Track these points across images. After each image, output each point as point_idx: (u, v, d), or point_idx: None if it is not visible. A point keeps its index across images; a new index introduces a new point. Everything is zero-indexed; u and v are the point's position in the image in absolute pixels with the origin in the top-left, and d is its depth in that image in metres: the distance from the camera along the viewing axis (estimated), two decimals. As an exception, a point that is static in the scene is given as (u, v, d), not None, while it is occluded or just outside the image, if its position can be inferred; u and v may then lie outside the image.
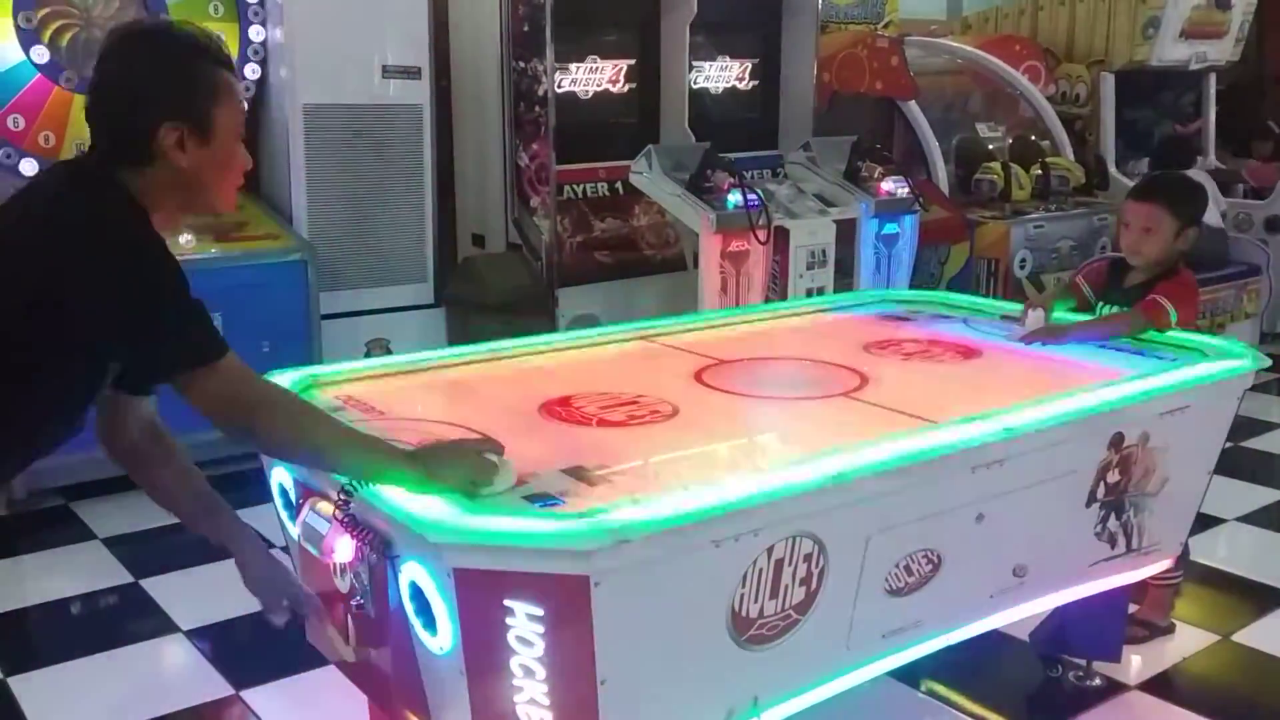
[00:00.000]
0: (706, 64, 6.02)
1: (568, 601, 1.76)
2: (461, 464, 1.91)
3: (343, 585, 2.12)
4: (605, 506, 1.81)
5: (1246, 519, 4.36)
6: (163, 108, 1.84)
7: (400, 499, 1.85)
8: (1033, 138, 6.82)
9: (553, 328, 5.05)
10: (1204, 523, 4.13)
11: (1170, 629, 3.43)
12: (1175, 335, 3.03)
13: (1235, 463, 4.88)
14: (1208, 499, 4.20)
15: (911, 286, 5.48)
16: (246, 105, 1.87)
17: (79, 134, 4.49)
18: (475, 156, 5.56)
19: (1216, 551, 4.02)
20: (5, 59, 4.38)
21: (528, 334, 3.17)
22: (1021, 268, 5.93)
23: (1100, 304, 3.34)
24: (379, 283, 5.15)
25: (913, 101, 6.25)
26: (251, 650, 3.22)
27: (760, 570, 1.96)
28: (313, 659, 2.60)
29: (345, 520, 1.92)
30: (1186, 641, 3.41)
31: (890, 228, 5.43)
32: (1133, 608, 3.39)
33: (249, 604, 2.26)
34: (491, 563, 1.77)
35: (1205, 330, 5.60)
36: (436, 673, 1.95)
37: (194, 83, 1.87)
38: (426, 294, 5.32)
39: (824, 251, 5.21)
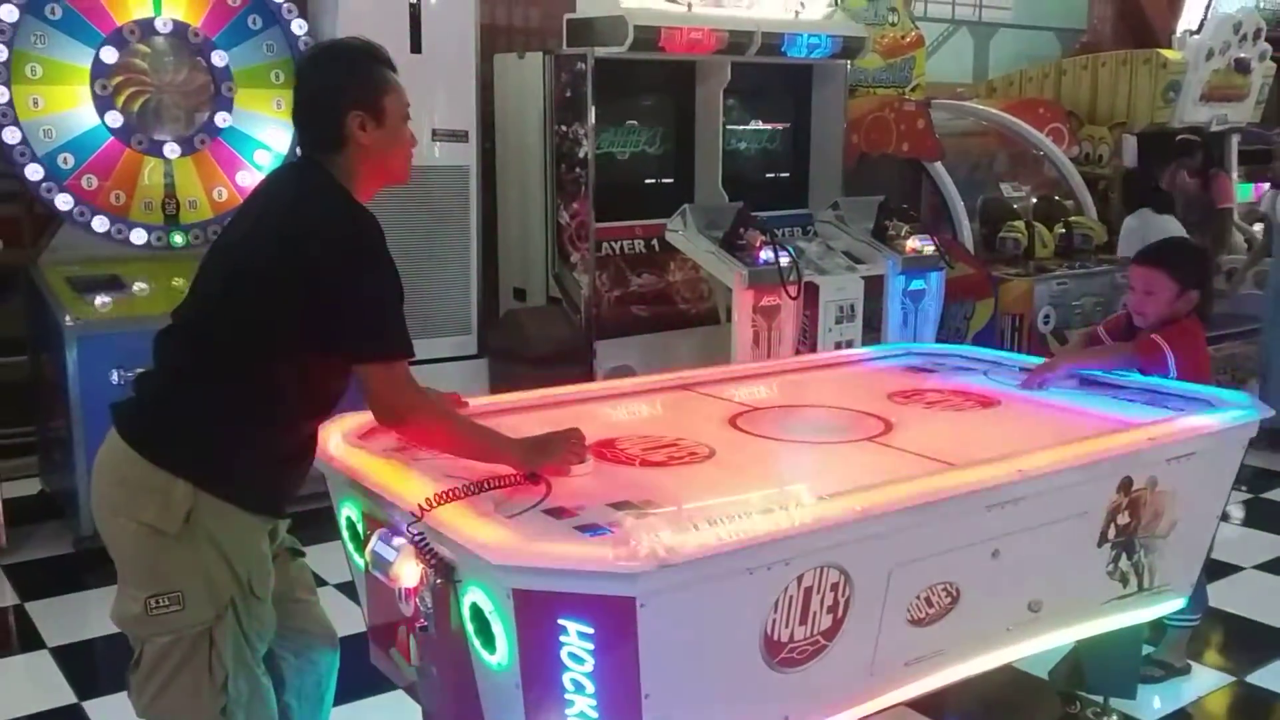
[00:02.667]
0: (739, 126, 6.27)
1: (615, 621, 1.93)
2: (556, 448, 2.36)
3: (406, 610, 2.31)
4: (650, 535, 1.99)
5: (1263, 566, 4.49)
6: (346, 100, 2.28)
7: (464, 528, 2.04)
8: (1056, 197, 7.01)
9: (591, 379, 5.24)
10: (1222, 569, 4.29)
11: (1186, 669, 3.56)
12: (1185, 386, 3.18)
13: (1254, 513, 5.03)
14: (1226, 547, 4.35)
15: (937, 341, 5.66)
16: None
17: (147, 193, 4.80)
18: (518, 215, 5.81)
19: (1233, 597, 4.14)
20: (82, 123, 4.66)
21: (567, 385, 3.36)
22: (1045, 323, 6.09)
23: None
24: (424, 334, 5.35)
25: (939, 162, 6.46)
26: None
27: (791, 597, 2.13)
28: (374, 685, 2.77)
29: (417, 543, 2.11)
30: (1202, 682, 3.54)
31: (917, 284, 5.62)
32: (1151, 649, 3.53)
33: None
34: (547, 584, 1.95)
35: (1228, 384, 5.77)
36: (494, 687, 2.13)
37: (367, 78, 2.31)
38: (470, 346, 5.55)
39: (852, 306, 5.41)
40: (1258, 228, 7.10)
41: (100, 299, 4.51)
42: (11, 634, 3.92)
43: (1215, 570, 4.30)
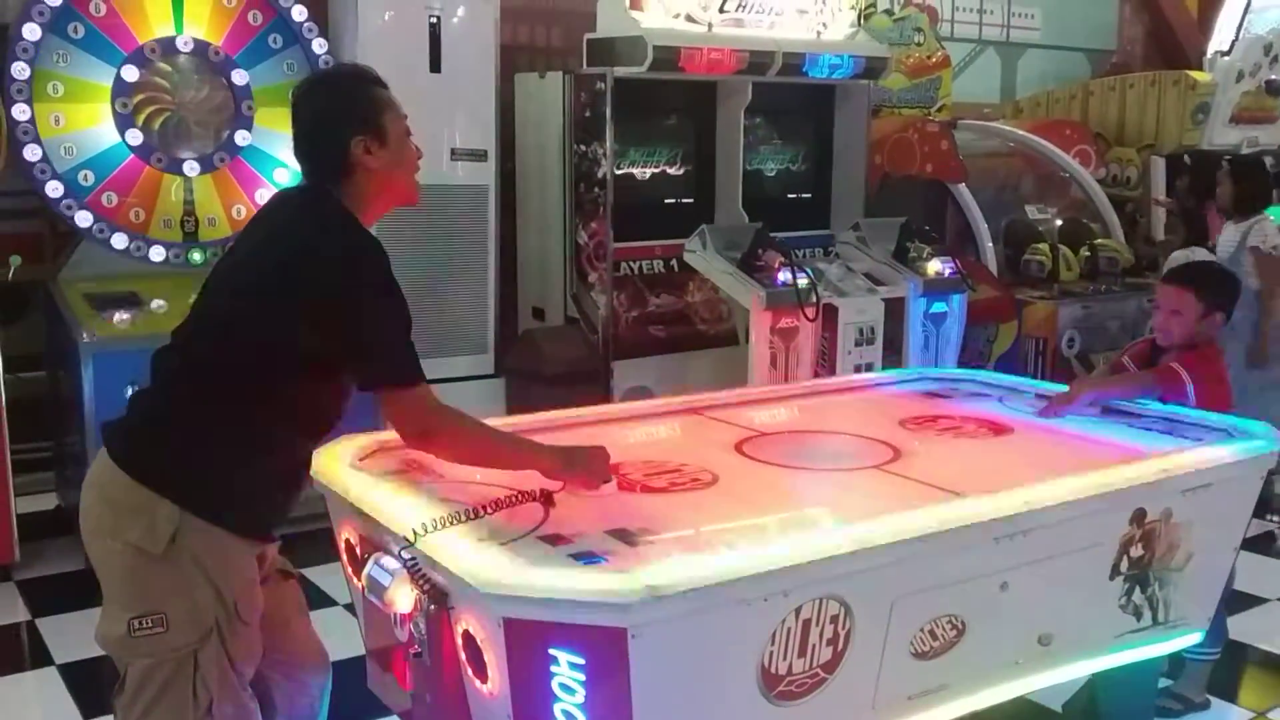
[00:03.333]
0: (761, 147, 6.24)
1: (607, 651, 1.90)
2: (587, 461, 2.37)
3: (401, 635, 2.29)
4: (643, 564, 1.96)
5: (1290, 599, 4.40)
6: (349, 126, 2.27)
7: (457, 555, 2.02)
8: (1083, 220, 6.94)
9: (608, 399, 5.22)
10: (1246, 602, 4.20)
11: (1205, 704, 3.48)
12: (1204, 415, 3.12)
13: (1280, 544, 4.93)
14: (1251, 579, 4.25)
15: (960, 364, 5.60)
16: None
17: (166, 210, 4.83)
18: (537, 234, 5.80)
19: (1257, 630, 4.05)
20: (102, 140, 4.69)
21: (583, 405, 3.34)
22: (1070, 347, 6.02)
23: None
24: (442, 353, 5.37)
25: (962, 184, 6.40)
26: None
27: (789, 629, 2.08)
28: (376, 709, 2.74)
29: (409, 567, 2.09)
30: (1221, 717, 3.46)
31: (938, 306, 5.57)
32: (1169, 683, 3.46)
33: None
34: (538, 613, 1.92)
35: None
36: (486, 717, 2.10)
37: (365, 102, 2.31)
38: (487, 365, 5.54)
39: (872, 329, 5.37)
40: None
41: (118, 316, 4.52)
42: (22, 650, 3.93)
43: (1239, 602, 4.21)
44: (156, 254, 4.80)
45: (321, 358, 2.21)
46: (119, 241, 4.73)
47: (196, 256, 4.87)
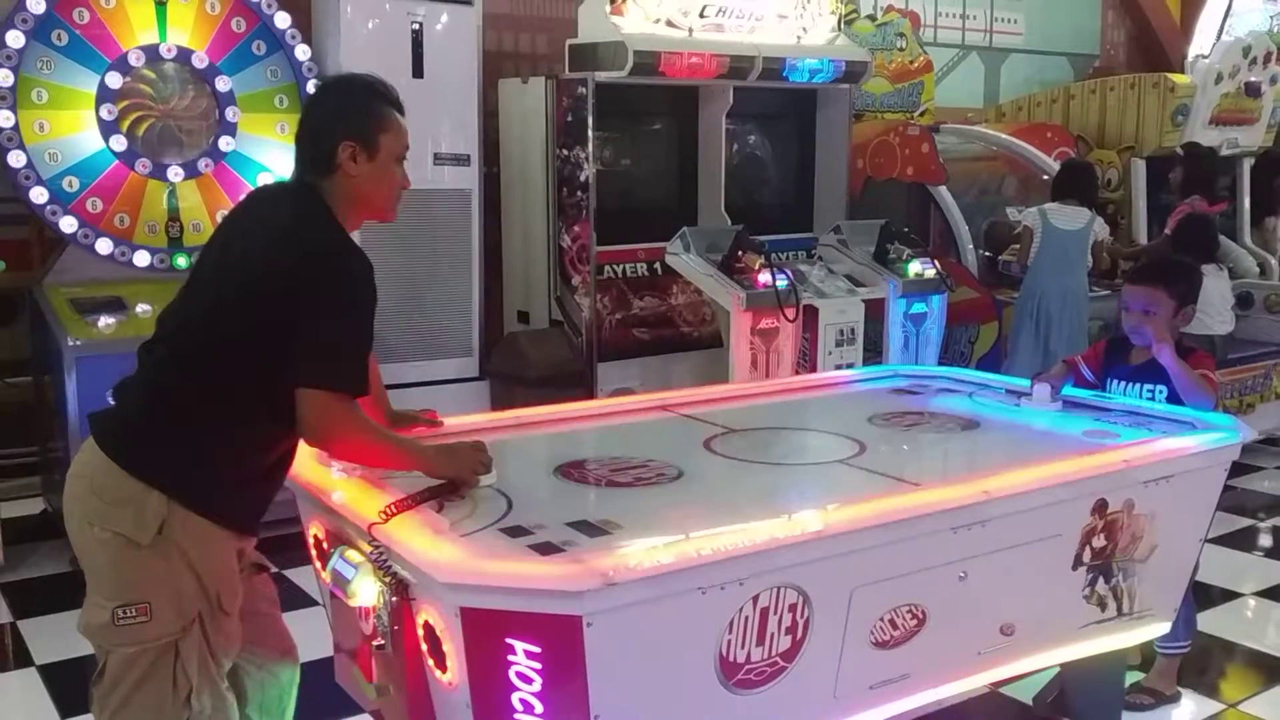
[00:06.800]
0: (743, 150, 6.28)
1: (562, 640, 1.93)
2: (461, 457, 2.40)
3: (366, 628, 2.32)
4: (598, 553, 1.99)
5: (1263, 594, 4.42)
6: (343, 129, 2.35)
7: (416, 546, 2.05)
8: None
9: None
10: (1221, 596, 4.24)
11: (1176, 697, 3.51)
12: (1169, 409, 3.15)
13: (1258, 540, 4.97)
14: (1226, 573, 4.29)
15: (940, 364, 5.63)
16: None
17: (151, 216, 4.85)
18: (521, 237, 5.84)
19: (1231, 624, 4.08)
20: (87, 146, 4.72)
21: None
22: (1051, 347, 6.03)
23: (1112, 381, 3.44)
24: (426, 356, 5.42)
25: (943, 186, 6.44)
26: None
27: (746, 618, 2.11)
28: (346, 707, 2.77)
29: (374, 555, 2.12)
30: (1193, 710, 3.48)
31: (918, 307, 5.61)
32: (1140, 676, 3.49)
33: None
34: (494, 602, 1.95)
35: (1235, 410, 5.71)
36: (448, 708, 2.13)
37: (367, 113, 2.38)
38: (471, 368, 5.58)
39: (853, 329, 5.41)
40: None
41: (103, 321, 4.55)
42: (5, 651, 3.95)
43: (1214, 596, 4.26)
44: (141, 259, 4.83)
45: (290, 353, 2.24)
46: (103, 247, 4.75)
47: (181, 262, 4.88)
